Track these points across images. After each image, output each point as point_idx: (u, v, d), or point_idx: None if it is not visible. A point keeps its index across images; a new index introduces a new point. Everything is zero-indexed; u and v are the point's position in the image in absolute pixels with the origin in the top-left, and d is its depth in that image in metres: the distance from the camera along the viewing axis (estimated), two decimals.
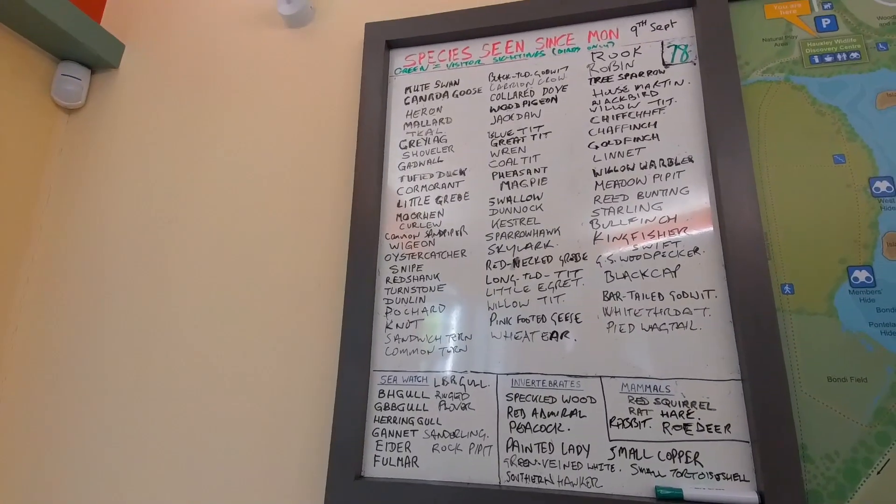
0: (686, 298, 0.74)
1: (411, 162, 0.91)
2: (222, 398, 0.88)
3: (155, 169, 1.06)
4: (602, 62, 0.87)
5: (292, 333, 0.88)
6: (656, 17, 0.87)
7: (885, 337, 0.67)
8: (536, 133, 0.87)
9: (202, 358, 0.91)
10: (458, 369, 0.79)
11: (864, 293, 0.69)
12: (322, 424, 0.82)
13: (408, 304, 0.84)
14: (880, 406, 0.65)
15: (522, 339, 0.78)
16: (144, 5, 1.20)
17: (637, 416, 0.71)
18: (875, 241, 0.70)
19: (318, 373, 0.85)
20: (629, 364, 0.73)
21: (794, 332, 0.70)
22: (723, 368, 0.71)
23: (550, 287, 0.79)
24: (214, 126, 1.05)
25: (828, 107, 0.76)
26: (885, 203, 0.71)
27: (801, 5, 0.81)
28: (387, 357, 0.83)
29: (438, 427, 0.78)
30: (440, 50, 0.96)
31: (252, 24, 1.10)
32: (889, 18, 0.77)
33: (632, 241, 0.78)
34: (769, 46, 0.80)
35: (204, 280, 0.95)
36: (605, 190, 0.81)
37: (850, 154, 0.74)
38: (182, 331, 0.93)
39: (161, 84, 1.12)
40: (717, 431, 0.69)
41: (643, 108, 0.83)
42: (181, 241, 0.99)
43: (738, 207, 0.73)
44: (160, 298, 0.96)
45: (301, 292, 0.90)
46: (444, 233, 0.86)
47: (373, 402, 0.81)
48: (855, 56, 0.77)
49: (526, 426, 0.75)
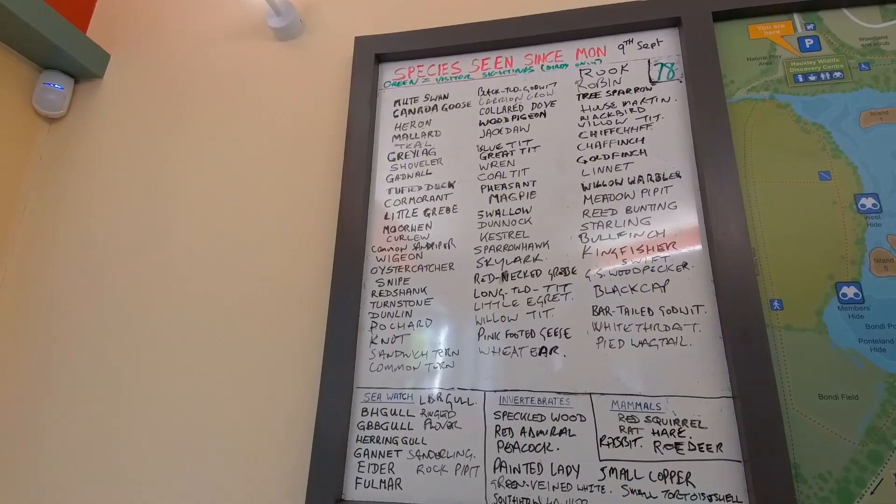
0: (676, 314, 0.73)
1: (399, 174, 0.90)
2: (197, 416, 0.84)
3: (137, 181, 1.03)
4: (590, 78, 0.88)
5: (273, 349, 0.85)
6: (643, 36, 0.88)
7: (874, 353, 0.67)
8: (525, 147, 0.87)
9: (179, 375, 0.87)
10: (445, 386, 0.77)
11: (852, 309, 0.68)
12: (301, 444, 0.78)
13: (394, 318, 0.82)
14: (871, 424, 0.64)
15: (511, 355, 0.76)
16: (132, 16, 1.19)
17: (628, 434, 0.70)
18: (862, 257, 0.70)
19: (299, 390, 0.82)
20: (619, 381, 0.72)
21: (783, 348, 0.69)
22: (713, 385, 0.69)
23: (539, 301, 0.78)
24: (199, 138, 1.03)
25: (812, 124, 0.77)
26: (871, 220, 0.71)
27: (785, 26, 0.83)
28: (371, 373, 0.80)
29: (423, 447, 0.75)
30: (430, 64, 0.96)
31: (241, 37, 1.09)
32: (870, 39, 0.79)
33: (621, 255, 0.77)
34: (754, 65, 0.82)
35: (184, 295, 0.92)
36: (594, 204, 0.81)
37: (835, 171, 0.74)
38: (160, 346, 0.90)
39: (146, 95, 1.10)
40: (708, 451, 0.67)
41: (631, 123, 0.84)
42: (162, 254, 0.96)
43: (725, 223, 0.73)
44: (138, 312, 0.93)
45: (283, 307, 0.87)
46: (431, 246, 0.85)
47: (355, 420, 0.78)
48: (838, 75, 0.79)
49: (514, 446, 0.72)
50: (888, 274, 0.69)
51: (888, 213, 0.71)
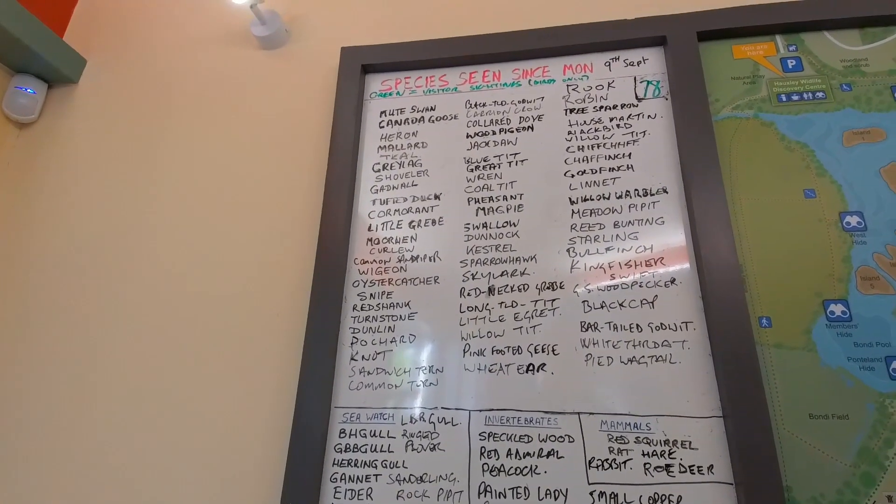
0: (664, 330, 0.72)
1: (384, 185, 0.88)
2: (162, 440, 0.79)
3: (109, 189, 0.99)
4: (577, 94, 0.88)
5: (246, 366, 0.81)
6: (629, 54, 0.89)
7: (863, 372, 0.66)
8: (513, 160, 0.86)
9: (147, 392, 0.82)
10: (428, 405, 0.74)
11: (841, 327, 0.68)
12: (274, 468, 0.74)
13: (376, 333, 0.79)
14: (863, 445, 0.63)
15: (497, 373, 0.74)
16: (112, 21, 1.16)
17: (617, 456, 0.67)
18: (849, 275, 0.70)
19: (273, 410, 0.77)
20: (608, 399, 0.70)
21: (773, 366, 0.68)
22: (704, 405, 0.68)
23: (527, 317, 0.76)
24: (177, 147, 1.00)
25: (796, 143, 0.78)
26: (857, 237, 0.71)
27: (768, 47, 0.84)
28: (350, 392, 0.76)
29: (404, 471, 0.71)
30: (417, 76, 0.95)
31: (224, 45, 1.07)
32: (850, 61, 0.81)
33: (609, 270, 0.76)
34: (738, 84, 0.83)
35: (155, 307, 0.88)
36: (582, 218, 0.80)
37: (820, 189, 0.75)
38: (130, 358, 0.85)
39: (123, 102, 1.07)
40: (699, 473, 0.65)
41: (618, 139, 0.84)
42: (133, 265, 0.92)
43: (713, 238, 0.73)
44: (107, 324, 0.88)
45: (259, 321, 0.83)
46: (416, 258, 0.82)
47: (332, 442, 0.74)
48: (821, 95, 0.80)
49: (500, 469, 0.69)
50: (875, 292, 0.69)
51: (873, 231, 0.71)
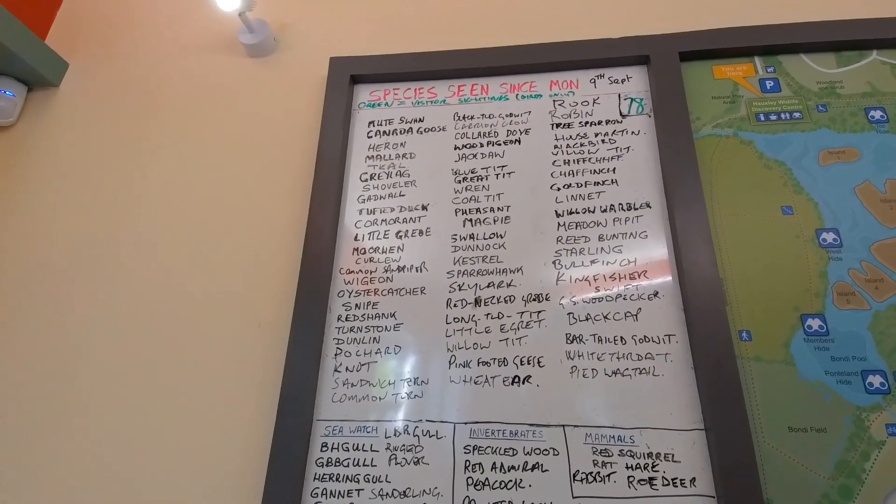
0: (648, 343, 0.72)
1: (371, 195, 0.88)
2: (137, 451, 0.76)
3: (89, 196, 0.97)
4: (563, 109, 0.89)
5: (226, 377, 0.79)
6: (614, 72, 0.91)
7: (840, 386, 0.67)
8: (500, 172, 0.86)
9: (122, 402, 0.80)
10: (412, 418, 0.73)
11: (818, 341, 0.69)
12: (254, 482, 0.72)
13: (360, 344, 0.78)
14: (841, 458, 0.64)
15: (482, 384, 0.73)
16: (96, 25, 1.15)
17: (601, 469, 0.67)
18: (825, 290, 0.72)
19: (253, 423, 0.75)
20: (593, 412, 0.70)
21: (753, 380, 0.69)
22: (686, 417, 0.68)
23: (513, 328, 0.76)
24: (160, 153, 0.98)
25: (774, 161, 0.80)
26: (833, 254, 0.73)
27: (747, 68, 0.87)
28: (333, 405, 0.75)
29: (387, 485, 0.70)
30: (406, 88, 0.95)
31: (211, 52, 1.06)
32: (826, 83, 0.84)
33: (594, 282, 0.77)
34: (718, 104, 0.85)
35: (134, 315, 0.86)
36: (567, 231, 0.80)
37: (797, 206, 0.77)
38: (107, 366, 0.83)
39: (105, 106, 1.05)
40: (682, 486, 0.65)
41: (602, 154, 0.85)
42: (113, 271, 0.89)
43: (694, 253, 0.74)
44: (84, 331, 0.86)
45: (241, 331, 0.82)
46: (403, 269, 0.82)
47: (314, 456, 0.72)
48: (797, 116, 0.82)
49: (484, 483, 0.68)
50: (851, 307, 0.71)
51: (848, 247, 0.73)
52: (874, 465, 0.63)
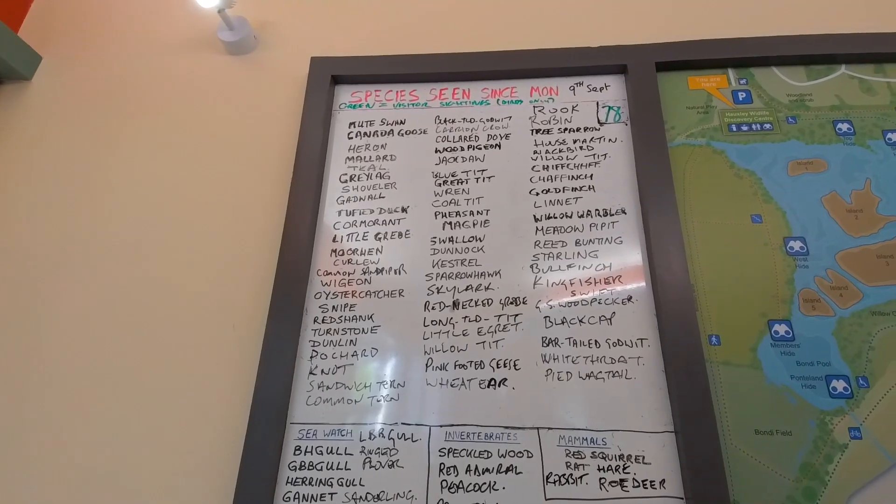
0: (621, 346, 0.73)
1: (351, 196, 0.87)
2: (104, 454, 0.75)
3: (60, 192, 0.94)
4: (543, 115, 0.90)
5: (198, 379, 0.78)
6: (592, 80, 0.92)
7: (805, 390, 0.69)
8: (480, 176, 0.87)
9: (90, 401, 0.78)
10: (388, 421, 0.73)
11: (784, 346, 0.71)
12: (225, 485, 0.70)
13: (337, 347, 0.77)
14: (805, 460, 0.66)
15: (459, 387, 0.73)
16: (71, 18, 1.12)
17: (574, 471, 0.68)
18: (792, 296, 0.74)
19: (225, 426, 0.74)
20: (566, 414, 0.71)
21: (721, 383, 0.70)
22: (657, 420, 0.69)
23: (490, 331, 0.76)
24: (135, 150, 0.96)
25: (745, 171, 0.82)
26: (800, 261, 0.76)
27: (720, 79, 0.89)
28: (308, 408, 0.74)
29: (361, 489, 0.69)
30: (387, 90, 0.95)
31: (188, 48, 1.05)
32: (796, 96, 0.87)
33: (570, 286, 0.78)
34: (692, 114, 0.87)
35: (106, 316, 0.84)
36: (545, 235, 0.81)
37: (766, 215, 0.79)
38: (77, 366, 0.80)
39: (79, 101, 1.03)
40: (652, 487, 0.66)
41: (580, 160, 0.86)
42: (84, 268, 0.87)
43: (667, 259, 0.75)
44: (55, 330, 0.83)
45: (214, 333, 0.80)
46: (381, 271, 0.82)
47: (287, 460, 0.71)
48: (768, 127, 0.85)
49: (458, 485, 0.68)
50: (816, 313, 0.73)
51: (814, 256, 0.76)
52: (837, 468, 0.65)
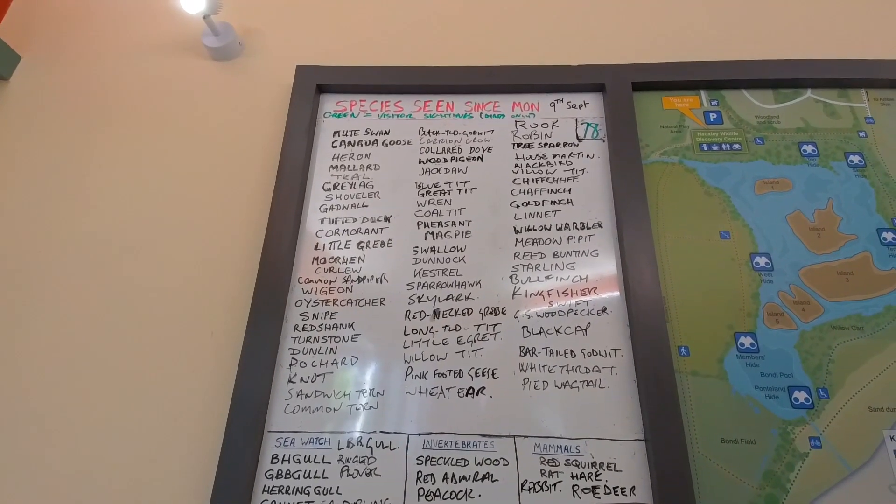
0: (596, 356, 0.76)
1: (334, 205, 0.88)
2: (77, 460, 0.73)
3: (38, 194, 0.93)
4: (524, 130, 0.93)
5: (174, 387, 0.77)
6: (572, 97, 0.95)
7: (769, 400, 0.72)
8: (462, 188, 0.89)
9: (64, 405, 0.76)
10: (367, 430, 0.73)
11: (749, 358, 0.74)
12: (199, 495, 0.70)
13: (316, 354, 0.78)
14: (768, 468, 0.69)
15: (438, 396, 0.74)
16: (52, 19, 1.11)
17: (548, 478, 0.69)
18: (757, 310, 0.77)
19: (201, 435, 0.73)
20: (542, 423, 0.72)
21: (690, 393, 0.73)
22: (628, 428, 0.72)
23: (469, 340, 0.78)
24: (114, 154, 0.95)
25: (714, 189, 0.86)
26: (765, 277, 0.79)
27: (693, 100, 0.93)
28: (286, 416, 0.74)
29: (338, 497, 0.70)
30: (372, 100, 0.97)
31: (172, 53, 1.04)
32: (764, 118, 0.91)
33: (547, 297, 0.80)
34: (666, 132, 0.90)
35: (83, 321, 0.82)
36: (525, 247, 0.83)
37: (734, 231, 0.82)
38: (51, 371, 0.79)
39: (58, 103, 1.01)
40: (623, 494, 0.68)
41: (559, 174, 0.89)
42: (58, 278, 0.86)
43: (640, 272, 0.78)
44: (30, 331, 0.82)
45: (192, 339, 0.80)
46: (363, 279, 0.82)
47: (263, 469, 0.71)
48: (737, 147, 0.89)
49: (435, 493, 0.69)
50: (779, 327, 0.76)
51: (779, 271, 0.79)
52: (798, 476, 0.68)
